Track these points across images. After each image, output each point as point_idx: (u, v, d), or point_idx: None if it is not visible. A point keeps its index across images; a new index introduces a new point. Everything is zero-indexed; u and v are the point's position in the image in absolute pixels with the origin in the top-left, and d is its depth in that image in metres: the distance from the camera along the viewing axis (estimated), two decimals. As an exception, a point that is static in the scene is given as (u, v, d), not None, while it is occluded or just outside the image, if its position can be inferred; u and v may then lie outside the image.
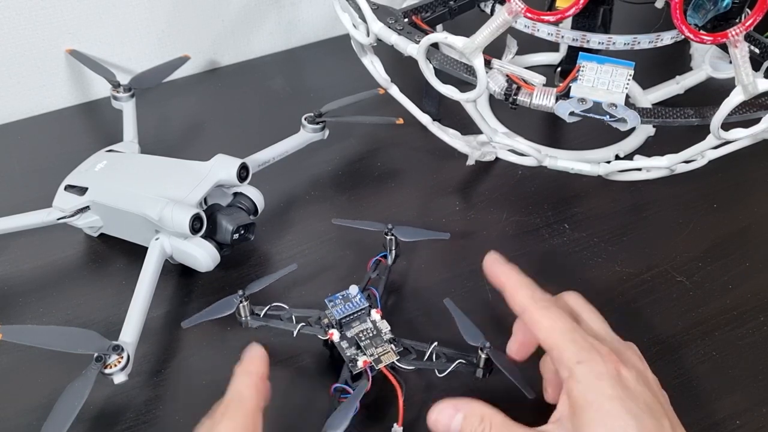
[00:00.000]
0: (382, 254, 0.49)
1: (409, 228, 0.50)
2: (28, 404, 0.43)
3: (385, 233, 0.49)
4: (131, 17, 0.66)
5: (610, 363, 0.36)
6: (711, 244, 0.54)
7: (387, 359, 0.43)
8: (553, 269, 0.52)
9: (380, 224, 0.49)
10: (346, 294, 0.46)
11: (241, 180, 0.51)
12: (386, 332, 0.44)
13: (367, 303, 0.45)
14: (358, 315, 0.45)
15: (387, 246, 0.49)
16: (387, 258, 0.49)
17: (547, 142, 0.62)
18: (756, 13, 0.41)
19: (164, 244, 0.48)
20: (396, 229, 0.49)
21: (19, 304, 0.49)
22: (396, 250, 0.49)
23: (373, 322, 0.45)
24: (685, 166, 0.56)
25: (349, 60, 0.62)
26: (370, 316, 0.45)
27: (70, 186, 0.51)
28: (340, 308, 0.45)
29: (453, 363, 0.42)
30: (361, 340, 0.44)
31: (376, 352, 0.43)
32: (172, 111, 0.67)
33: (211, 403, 0.44)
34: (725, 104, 0.44)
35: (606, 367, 0.35)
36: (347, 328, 0.44)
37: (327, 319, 0.45)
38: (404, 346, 0.44)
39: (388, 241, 0.49)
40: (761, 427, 0.43)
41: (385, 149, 0.62)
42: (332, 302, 0.45)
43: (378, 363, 0.42)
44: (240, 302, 0.45)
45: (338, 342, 0.44)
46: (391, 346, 0.43)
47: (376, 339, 0.44)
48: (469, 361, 0.42)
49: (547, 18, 0.43)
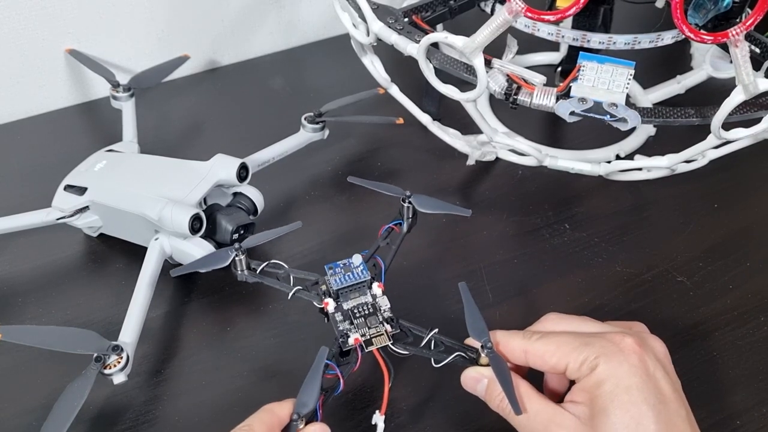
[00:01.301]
0: (396, 221, 0.46)
1: (428, 198, 0.46)
2: (27, 404, 0.43)
3: (403, 200, 0.46)
4: (131, 17, 0.66)
5: (629, 351, 0.36)
6: (711, 244, 0.54)
7: (379, 342, 0.39)
8: (553, 269, 0.52)
9: (398, 189, 0.46)
10: (347, 263, 0.43)
11: (240, 180, 0.51)
12: (385, 309, 0.41)
13: (368, 276, 0.42)
14: (358, 287, 0.42)
15: (403, 214, 0.46)
16: (401, 226, 0.46)
17: (548, 142, 0.62)
18: (756, 12, 0.41)
19: (164, 244, 0.48)
20: (414, 197, 0.46)
21: (19, 304, 0.49)
22: (412, 219, 0.46)
23: (373, 297, 0.42)
24: (686, 166, 0.56)
25: (349, 60, 0.62)
26: (370, 290, 0.42)
27: (70, 186, 0.51)
28: (339, 278, 0.42)
29: (450, 355, 0.39)
30: (355, 317, 0.40)
31: (368, 333, 0.40)
32: (171, 111, 0.67)
33: (211, 404, 0.44)
34: (726, 104, 0.44)
35: (625, 356, 0.35)
36: (344, 299, 0.41)
37: (325, 286, 0.42)
38: (402, 327, 0.40)
39: (405, 209, 0.46)
40: (762, 427, 0.43)
41: (385, 149, 0.62)
42: (332, 270, 0.42)
43: (369, 345, 0.39)
44: (236, 255, 0.42)
45: (332, 313, 0.41)
46: (387, 326, 0.40)
47: (372, 318, 0.41)
48: (469, 356, 0.40)
49: (547, 17, 0.43)
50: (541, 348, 0.38)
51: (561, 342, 0.38)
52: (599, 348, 0.36)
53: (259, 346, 0.47)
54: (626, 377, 0.35)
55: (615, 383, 0.35)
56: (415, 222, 0.46)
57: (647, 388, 0.35)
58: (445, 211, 0.47)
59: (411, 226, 0.46)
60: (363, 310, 0.41)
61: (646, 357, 0.36)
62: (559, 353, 0.37)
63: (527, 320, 0.48)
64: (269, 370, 0.46)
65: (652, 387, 0.35)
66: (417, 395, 0.44)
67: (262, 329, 0.47)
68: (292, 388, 0.44)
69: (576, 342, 0.37)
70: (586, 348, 0.36)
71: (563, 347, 0.37)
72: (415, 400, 0.44)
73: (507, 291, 0.50)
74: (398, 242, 0.45)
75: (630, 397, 0.34)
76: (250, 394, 0.44)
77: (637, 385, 0.35)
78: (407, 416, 0.43)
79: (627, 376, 0.35)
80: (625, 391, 0.35)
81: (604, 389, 0.35)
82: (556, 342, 0.38)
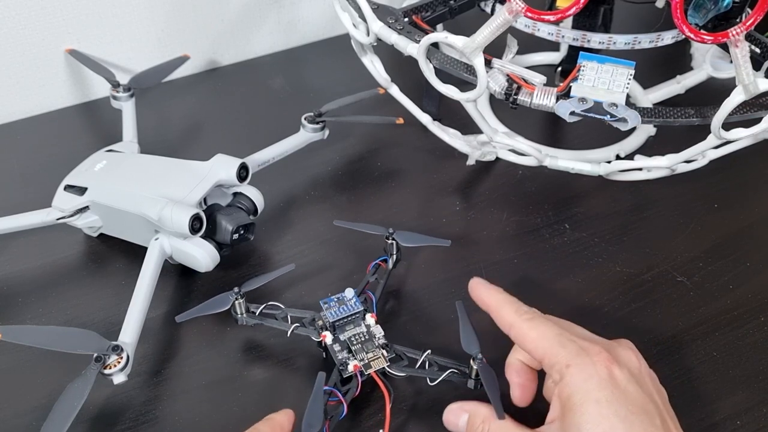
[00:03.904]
0: (383, 258, 0.49)
1: (410, 233, 0.49)
2: (27, 404, 0.43)
3: (386, 237, 0.48)
4: (131, 17, 0.66)
5: (600, 364, 0.36)
6: (711, 245, 0.54)
7: (377, 365, 0.42)
8: (553, 269, 0.52)
9: (381, 228, 0.49)
10: (341, 297, 0.45)
11: (240, 180, 0.51)
12: (379, 337, 0.44)
13: (362, 307, 0.45)
14: (353, 318, 0.45)
15: (388, 250, 0.49)
16: (387, 262, 0.49)
17: (548, 142, 0.62)
18: (756, 12, 0.41)
19: (164, 244, 0.48)
20: (397, 233, 0.48)
21: (19, 304, 0.49)
22: (397, 254, 0.49)
23: (367, 327, 0.45)
24: (686, 166, 0.56)
25: (349, 60, 0.62)
26: (364, 320, 0.45)
27: (70, 186, 0.51)
28: (334, 311, 0.44)
29: (444, 372, 0.42)
30: (352, 344, 0.43)
31: (366, 357, 0.43)
32: (171, 111, 0.67)
33: (211, 404, 0.44)
34: (726, 104, 0.44)
35: (595, 369, 0.36)
36: (340, 331, 0.44)
37: (321, 321, 0.44)
38: (396, 352, 0.43)
39: (389, 246, 0.49)
40: (762, 427, 0.43)
41: (385, 149, 0.62)
42: (327, 304, 0.45)
43: (368, 368, 0.42)
44: (236, 299, 0.45)
45: (330, 345, 0.43)
46: (383, 351, 0.43)
47: (368, 344, 0.43)
48: (462, 371, 0.42)
49: (547, 17, 0.43)
50: (525, 331, 0.39)
51: (543, 333, 0.38)
52: (572, 354, 0.37)
53: (259, 346, 0.47)
54: (595, 390, 0.35)
55: (584, 396, 0.35)
56: (400, 257, 0.49)
57: (617, 401, 0.35)
58: (426, 244, 0.50)
59: (397, 261, 0.49)
60: (359, 338, 0.44)
61: (616, 370, 0.36)
62: (537, 343, 0.38)
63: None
64: (269, 370, 0.46)
65: (623, 400, 0.35)
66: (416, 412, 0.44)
67: (262, 329, 0.47)
68: (292, 388, 0.45)
69: (555, 340, 0.38)
70: (561, 350, 0.37)
71: (542, 342, 0.38)
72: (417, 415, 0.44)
73: (507, 291, 0.50)
74: (386, 277, 0.48)
75: (600, 410, 0.35)
76: (250, 394, 0.44)
77: (606, 398, 0.35)
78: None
79: (596, 389, 0.35)
80: (594, 403, 0.35)
81: (574, 402, 0.35)
82: (538, 330, 0.39)
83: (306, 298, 0.50)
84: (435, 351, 0.43)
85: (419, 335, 0.48)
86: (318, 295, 0.47)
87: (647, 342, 0.47)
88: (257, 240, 0.52)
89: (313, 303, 0.46)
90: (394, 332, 0.46)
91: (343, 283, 0.47)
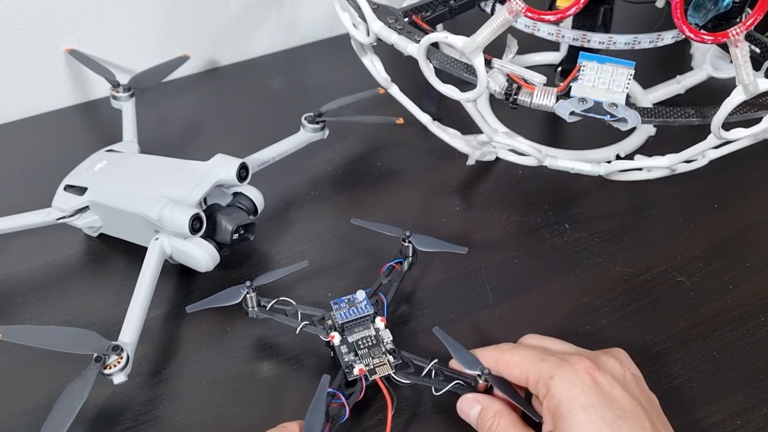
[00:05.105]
0: (397, 260, 0.48)
1: (427, 237, 0.49)
2: (27, 404, 0.43)
3: (403, 240, 0.48)
4: (131, 17, 0.66)
5: (582, 371, 0.37)
6: (711, 244, 0.54)
7: (382, 371, 0.42)
8: (553, 269, 0.52)
9: (399, 230, 0.48)
10: (352, 298, 0.45)
11: (240, 180, 0.51)
12: (387, 342, 0.43)
13: (372, 310, 0.44)
14: (362, 321, 0.44)
15: (404, 253, 0.48)
16: (402, 264, 0.48)
17: (548, 142, 0.62)
18: (756, 12, 0.41)
19: (164, 244, 0.48)
20: (414, 237, 0.48)
21: (19, 304, 0.49)
22: (413, 257, 0.48)
23: (376, 330, 0.44)
24: (686, 166, 0.56)
25: (349, 60, 0.62)
26: (374, 324, 0.44)
27: (70, 186, 0.51)
28: (344, 312, 0.44)
29: (450, 383, 0.41)
30: (359, 348, 0.43)
31: (372, 362, 0.42)
32: (171, 111, 0.67)
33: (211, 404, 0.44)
34: (726, 104, 0.44)
35: (578, 377, 0.37)
36: (349, 333, 0.44)
37: (331, 321, 0.44)
38: (403, 359, 0.43)
39: (405, 248, 0.48)
40: (761, 427, 0.43)
41: (385, 149, 0.62)
42: (337, 305, 0.45)
43: (372, 374, 0.42)
44: (247, 293, 0.44)
45: (338, 346, 0.43)
46: (390, 357, 0.43)
47: (375, 348, 0.43)
48: (467, 383, 0.42)
49: (547, 17, 0.43)
50: (508, 358, 0.40)
51: (524, 355, 0.40)
52: (553, 366, 0.37)
53: (259, 346, 0.47)
54: (580, 397, 0.36)
55: (570, 404, 0.36)
56: (415, 260, 0.49)
57: (603, 406, 0.35)
58: (444, 250, 0.49)
59: (412, 264, 0.49)
60: (367, 342, 0.43)
61: (599, 376, 0.37)
62: (521, 365, 0.39)
63: (527, 320, 0.48)
64: (270, 370, 0.46)
65: (609, 404, 0.36)
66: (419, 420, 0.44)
67: (263, 329, 0.47)
68: (292, 388, 0.45)
69: (536, 357, 0.39)
70: (543, 364, 0.38)
71: (524, 361, 0.39)
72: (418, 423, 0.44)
73: (507, 291, 0.50)
74: (399, 280, 0.48)
75: (587, 416, 0.35)
76: (250, 394, 0.44)
77: (592, 404, 0.35)
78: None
79: (581, 395, 0.36)
80: (581, 410, 0.35)
81: (562, 411, 0.36)
82: (520, 354, 0.40)
83: (306, 297, 0.49)
84: (441, 359, 0.43)
85: (427, 340, 0.47)
86: (317, 296, 0.47)
87: (647, 342, 0.47)
88: (257, 240, 0.52)
89: (317, 301, 0.46)
90: (403, 336, 0.46)
91: (343, 283, 0.47)
